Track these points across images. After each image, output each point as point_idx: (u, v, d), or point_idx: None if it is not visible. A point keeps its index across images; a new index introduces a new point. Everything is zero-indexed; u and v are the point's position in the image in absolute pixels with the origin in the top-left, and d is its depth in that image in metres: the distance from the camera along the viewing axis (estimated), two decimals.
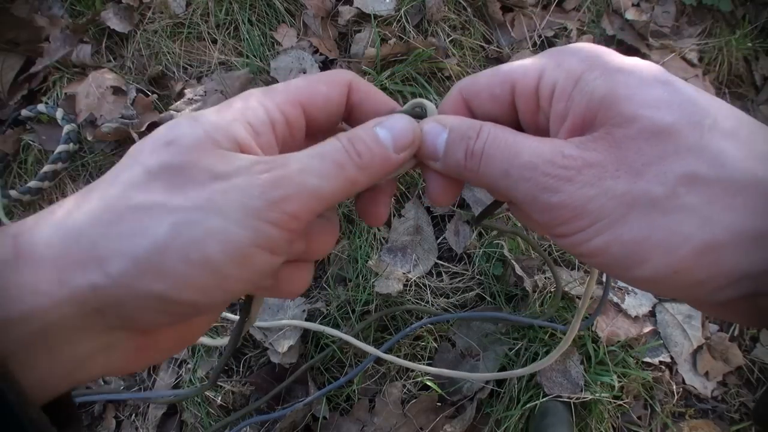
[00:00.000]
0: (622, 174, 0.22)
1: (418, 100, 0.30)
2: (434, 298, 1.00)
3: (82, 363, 0.21)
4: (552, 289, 0.98)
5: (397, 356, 0.92)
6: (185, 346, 0.28)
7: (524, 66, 0.26)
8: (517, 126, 0.27)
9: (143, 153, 0.22)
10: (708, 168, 0.20)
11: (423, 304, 0.99)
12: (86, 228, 0.20)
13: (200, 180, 0.21)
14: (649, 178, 0.21)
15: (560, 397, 0.92)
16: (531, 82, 0.25)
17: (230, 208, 0.21)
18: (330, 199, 0.24)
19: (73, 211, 0.21)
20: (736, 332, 1.04)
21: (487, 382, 0.95)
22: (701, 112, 0.21)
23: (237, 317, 0.96)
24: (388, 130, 0.26)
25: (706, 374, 1.01)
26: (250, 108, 0.24)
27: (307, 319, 0.97)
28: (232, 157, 0.22)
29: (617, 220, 0.22)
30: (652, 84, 0.22)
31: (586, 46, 0.25)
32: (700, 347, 1.01)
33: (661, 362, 1.01)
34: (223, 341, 0.98)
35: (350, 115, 0.30)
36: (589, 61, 0.24)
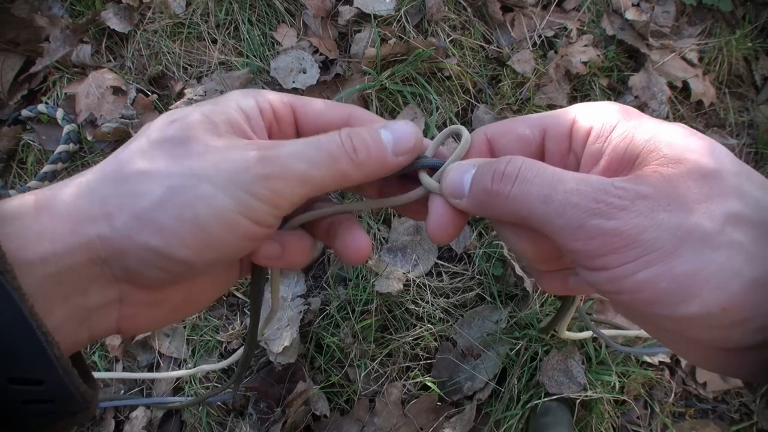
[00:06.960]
0: (674, 209, 0.22)
1: (457, 127, 0.30)
2: (434, 298, 1.00)
3: (96, 313, 0.24)
4: None
5: (397, 356, 0.92)
6: (194, 309, 0.30)
7: (555, 113, 0.28)
8: None
9: (150, 129, 0.25)
10: (751, 210, 0.22)
11: (423, 304, 0.99)
12: (97, 186, 0.23)
13: (197, 151, 0.24)
14: (699, 215, 0.22)
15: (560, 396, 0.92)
16: (565, 125, 0.27)
17: (219, 177, 0.23)
18: (318, 185, 0.25)
19: (88, 173, 0.24)
20: None
21: (487, 382, 0.95)
22: (739, 165, 0.24)
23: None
24: (391, 132, 0.27)
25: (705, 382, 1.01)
26: (242, 98, 0.28)
27: (305, 319, 0.97)
28: (228, 135, 0.25)
29: (671, 253, 0.22)
30: (690, 135, 0.24)
31: (616, 103, 0.27)
32: None
33: (661, 362, 1.01)
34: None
35: None
36: (623, 112, 0.26)
